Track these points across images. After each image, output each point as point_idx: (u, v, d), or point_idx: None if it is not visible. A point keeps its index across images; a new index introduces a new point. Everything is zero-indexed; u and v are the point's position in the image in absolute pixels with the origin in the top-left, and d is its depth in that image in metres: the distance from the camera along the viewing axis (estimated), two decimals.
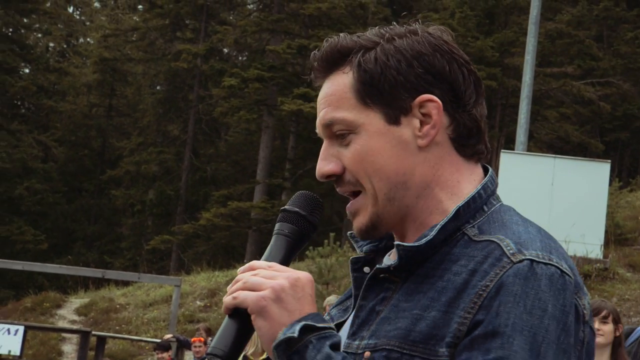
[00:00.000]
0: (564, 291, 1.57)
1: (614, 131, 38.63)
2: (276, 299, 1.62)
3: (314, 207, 1.76)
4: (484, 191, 1.72)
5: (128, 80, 48.05)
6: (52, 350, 22.95)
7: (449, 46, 1.71)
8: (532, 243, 1.61)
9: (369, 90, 1.68)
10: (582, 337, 1.60)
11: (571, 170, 19.85)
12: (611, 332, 5.96)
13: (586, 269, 19.36)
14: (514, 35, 32.79)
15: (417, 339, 1.59)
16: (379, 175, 1.68)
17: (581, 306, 1.60)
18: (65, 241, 44.61)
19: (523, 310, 1.53)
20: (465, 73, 1.71)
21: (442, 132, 1.69)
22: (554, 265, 1.58)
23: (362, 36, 1.75)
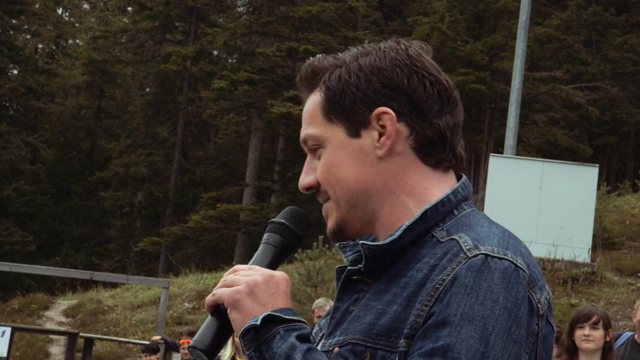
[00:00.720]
0: (517, 285, 1.62)
1: (602, 135, 38.74)
2: (250, 293, 1.73)
3: (300, 221, 1.89)
4: (454, 196, 1.79)
5: (117, 82, 47.96)
6: (39, 352, 22.88)
7: (411, 60, 1.79)
8: (490, 239, 1.67)
9: (332, 107, 1.80)
10: (535, 330, 1.65)
11: (560, 174, 19.91)
12: (601, 337, 5.96)
13: (574, 273, 19.41)
14: (503, 40, 32.86)
15: (379, 332, 1.68)
16: (340, 184, 1.79)
17: (535, 300, 1.65)
18: (53, 243, 44.50)
19: (475, 301, 1.59)
20: (427, 85, 1.79)
21: (403, 142, 1.78)
22: (509, 260, 1.64)
23: (337, 57, 1.85)
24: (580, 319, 5.98)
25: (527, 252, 1.72)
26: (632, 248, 22.35)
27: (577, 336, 5.97)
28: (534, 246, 19.43)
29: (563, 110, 35.03)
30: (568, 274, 19.41)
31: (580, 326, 5.96)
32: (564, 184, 19.61)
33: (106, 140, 46.57)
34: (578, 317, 6.01)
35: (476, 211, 1.81)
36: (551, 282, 19.32)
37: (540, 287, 1.68)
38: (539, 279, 1.69)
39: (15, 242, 39.77)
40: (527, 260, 1.68)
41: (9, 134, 43.36)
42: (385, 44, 1.83)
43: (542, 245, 19.36)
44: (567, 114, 35.20)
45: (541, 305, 1.67)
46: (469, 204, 1.82)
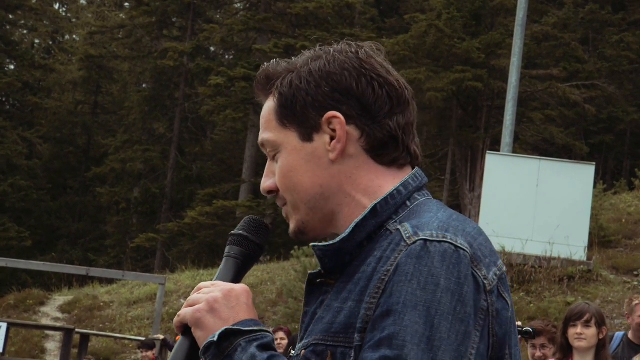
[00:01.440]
0: (458, 264, 1.64)
1: (599, 134, 38.76)
2: (210, 310, 1.78)
3: (258, 229, 1.92)
4: (404, 188, 1.81)
5: (114, 78, 47.92)
6: (35, 348, 22.88)
7: (361, 63, 1.83)
8: (430, 225, 1.69)
9: (285, 112, 1.84)
10: (485, 306, 1.66)
11: (556, 172, 19.91)
12: (594, 335, 5.94)
13: (570, 271, 19.42)
14: (500, 37, 32.85)
15: (338, 330, 1.71)
16: (297, 189, 1.83)
17: (481, 277, 1.66)
18: (49, 238, 44.47)
19: (417, 287, 1.62)
20: (376, 87, 1.82)
21: (354, 144, 1.81)
22: (448, 241, 1.66)
23: (290, 62, 1.89)
24: (572, 317, 5.97)
25: (476, 232, 1.73)
26: (628, 246, 22.38)
27: (570, 334, 5.97)
28: (530, 244, 19.45)
29: (560, 108, 35.04)
30: (564, 272, 19.42)
31: (573, 324, 5.96)
32: (560, 182, 19.62)
33: (103, 136, 46.54)
34: (571, 316, 6.00)
35: (430, 199, 1.83)
36: (547, 280, 19.34)
37: (487, 264, 1.69)
38: (487, 256, 1.71)
39: (11, 237, 39.74)
40: (471, 240, 1.70)
41: (5, 129, 43.32)
42: (336, 47, 1.87)
43: (538, 243, 19.37)
44: (563, 112, 35.21)
45: (488, 281, 1.67)
46: (423, 194, 1.84)
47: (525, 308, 18.41)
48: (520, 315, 17.16)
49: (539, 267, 19.53)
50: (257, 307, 21.77)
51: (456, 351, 1.60)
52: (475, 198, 31.77)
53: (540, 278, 19.38)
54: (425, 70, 31.95)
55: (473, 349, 1.62)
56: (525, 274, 19.44)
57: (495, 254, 1.74)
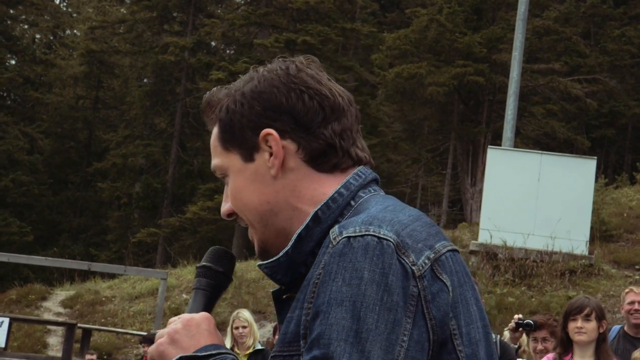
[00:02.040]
0: (382, 255, 1.65)
1: (600, 128, 38.74)
2: (171, 342, 1.84)
3: (221, 259, 1.98)
4: (345, 189, 1.84)
5: (115, 73, 47.91)
6: (37, 343, 22.90)
7: (289, 78, 1.88)
8: (354, 222, 1.71)
9: (226, 137, 1.91)
10: (415, 292, 1.66)
11: (557, 167, 19.91)
12: (594, 329, 5.95)
13: (571, 265, 19.43)
14: (501, 32, 32.82)
15: (290, 340, 1.74)
16: (248, 208, 1.89)
17: (408, 263, 1.67)
18: (51, 233, 44.50)
19: (341, 283, 1.63)
20: (306, 99, 1.86)
21: (293, 157, 1.86)
22: (370, 234, 1.67)
23: (229, 87, 1.95)
24: (572, 312, 5.98)
25: (411, 219, 1.74)
26: (629, 240, 22.38)
27: (570, 328, 5.97)
28: (532, 238, 19.45)
29: (561, 103, 35.02)
30: (566, 266, 19.43)
31: (573, 318, 5.96)
32: (561, 177, 19.62)
33: (104, 131, 46.53)
34: (571, 310, 6.01)
35: (375, 195, 1.85)
36: (549, 275, 19.35)
37: (418, 249, 1.69)
38: (420, 241, 1.71)
39: (12, 232, 39.76)
40: (400, 228, 1.70)
41: (6, 124, 43.32)
42: (268, 67, 1.92)
43: (539, 237, 19.38)
44: (565, 106, 35.19)
45: (417, 267, 1.67)
46: (369, 190, 1.86)
47: (527, 302, 18.43)
48: (521, 310, 17.17)
49: (541, 262, 19.54)
50: (258, 302, 21.78)
51: (386, 340, 1.61)
52: (477, 192, 31.76)
53: (541, 272, 19.39)
54: (427, 64, 31.93)
55: (405, 335, 1.63)
56: (527, 268, 19.45)
57: (434, 237, 1.74)
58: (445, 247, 1.74)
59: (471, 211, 32.35)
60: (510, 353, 8.09)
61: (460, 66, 31.66)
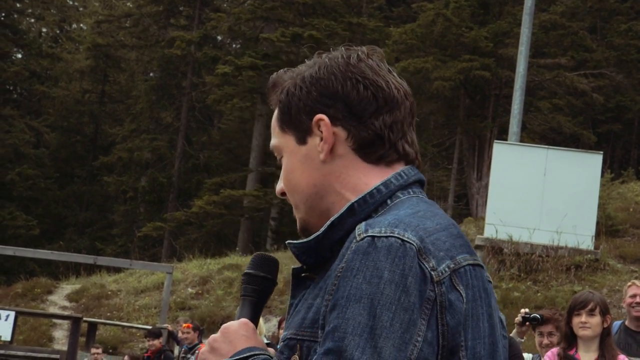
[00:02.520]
0: (404, 257, 1.70)
1: (607, 123, 38.67)
2: (211, 350, 1.91)
3: (263, 264, 2.03)
4: (385, 186, 1.89)
5: (121, 67, 47.93)
6: (43, 336, 22.95)
7: (348, 67, 1.93)
8: (381, 222, 1.76)
9: (283, 118, 1.97)
10: (431, 297, 1.71)
11: (564, 161, 19.88)
12: (598, 324, 5.94)
13: (577, 260, 19.41)
14: (508, 26, 32.76)
15: (306, 325, 1.82)
16: (296, 189, 1.96)
17: (427, 268, 1.71)
18: (56, 227, 44.57)
19: (362, 281, 1.68)
20: (361, 89, 1.91)
21: (342, 144, 1.91)
22: (395, 236, 1.72)
23: (295, 70, 2.02)
24: (577, 306, 5.97)
25: (437, 228, 1.79)
26: (635, 235, 22.35)
27: (574, 323, 5.97)
28: (538, 233, 19.43)
29: (567, 97, 34.96)
30: (571, 261, 19.41)
31: (577, 313, 5.96)
32: (567, 171, 19.59)
33: (110, 125, 46.58)
34: (575, 305, 6.00)
35: (411, 198, 1.89)
36: (554, 269, 19.33)
37: (440, 257, 1.74)
38: (443, 250, 1.75)
39: (19, 226, 39.83)
40: (425, 234, 1.75)
41: (12, 117, 43.38)
42: (331, 54, 1.97)
43: (545, 232, 19.36)
44: (571, 101, 35.13)
45: (436, 272, 1.71)
46: (408, 192, 1.90)
47: (533, 297, 18.41)
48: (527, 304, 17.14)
49: (546, 256, 19.52)
50: None
51: (400, 338, 1.66)
52: (483, 187, 31.73)
53: (547, 267, 19.38)
54: (433, 59, 31.89)
55: (419, 336, 1.67)
56: (533, 263, 19.44)
57: (457, 249, 1.78)
58: (466, 260, 1.78)
59: (477, 206, 32.33)
60: (516, 348, 8.09)
61: (466, 61, 31.61)
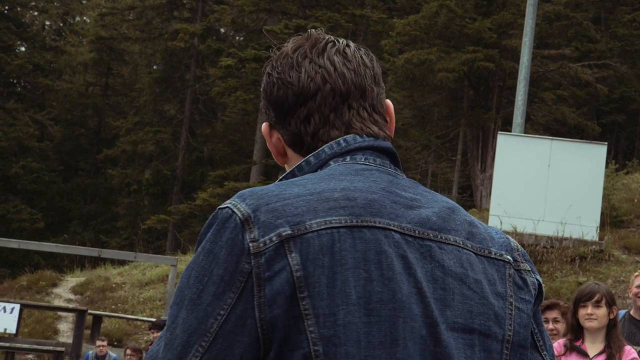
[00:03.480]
0: (225, 228, 1.68)
1: (611, 113, 38.62)
2: None
3: None
4: (315, 157, 1.85)
5: (125, 60, 47.93)
6: (48, 329, 22.99)
7: (271, 69, 1.95)
8: (240, 194, 1.74)
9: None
10: (246, 269, 1.65)
11: (568, 153, 19.86)
12: (605, 315, 5.94)
13: (582, 251, 19.40)
14: (511, 17, 32.70)
15: None
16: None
17: (247, 240, 1.66)
18: (61, 220, 44.62)
19: (196, 250, 1.73)
20: (275, 90, 1.92)
21: (285, 145, 1.93)
22: (228, 207, 1.71)
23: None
24: (582, 298, 5.97)
25: (298, 193, 1.72)
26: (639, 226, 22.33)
27: (580, 315, 5.97)
28: (542, 224, 19.42)
29: (571, 88, 34.91)
30: (576, 252, 19.40)
31: (583, 305, 5.96)
32: (572, 162, 19.57)
33: (114, 118, 46.60)
34: (581, 296, 6.00)
35: (339, 165, 1.82)
36: (559, 261, 19.32)
37: (270, 227, 1.67)
38: (283, 217, 1.68)
39: (23, 219, 39.89)
40: (266, 202, 1.70)
41: (16, 111, 43.40)
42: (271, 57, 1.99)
43: (550, 223, 19.34)
44: (575, 92, 35.08)
45: (256, 244, 1.66)
46: (343, 159, 1.84)
47: None
48: None
49: (551, 248, 19.51)
50: None
51: (203, 311, 1.65)
52: (487, 179, 31.71)
53: (552, 258, 19.36)
54: (437, 50, 31.84)
55: (223, 310, 1.64)
56: (537, 254, 19.43)
57: (315, 214, 1.69)
58: (329, 224, 1.68)
59: (481, 197, 32.31)
60: None
61: (470, 52, 31.56)
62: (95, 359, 16.45)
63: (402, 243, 1.72)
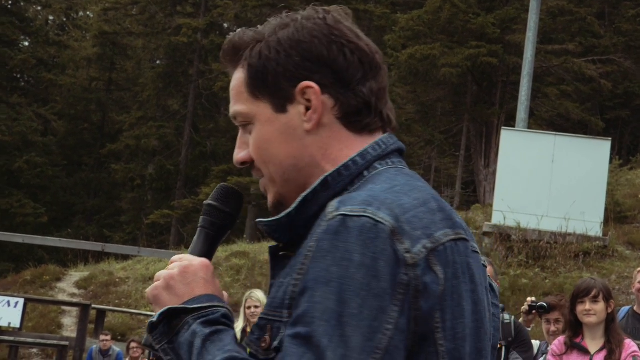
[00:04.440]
0: (375, 239, 1.59)
1: (615, 109, 38.58)
2: (166, 287, 1.80)
3: (228, 198, 1.91)
4: (361, 157, 1.77)
5: (128, 54, 47.92)
6: (51, 323, 23.01)
7: (330, 29, 1.79)
8: (354, 199, 1.64)
9: (256, 83, 1.80)
10: (405, 280, 1.60)
11: (572, 148, 19.85)
12: (603, 310, 5.96)
13: (585, 247, 19.39)
14: (515, 12, 32.66)
15: (275, 305, 1.71)
16: (272, 160, 1.80)
17: (401, 250, 1.60)
18: (65, 215, 44.67)
19: (331, 263, 1.58)
20: (347, 53, 1.78)
21: (328, 113, 1.78)
22: (367, 216, 1.60)
23: (257, 30, 1.85)
24: (580, 294, 5.99)
25: (414, 204, 1.67)
26: None
27: (578, 311, 5.98)
28: (546, 220, 19.41)
29: (575, 84, 34.88)
30: (580, 248, 19.39)
31: (581, 301, 5.97)
32: (575, 158, 19.56)
33: (117, 113, 46.62)
34: (578, 292, 6.02)
35: (389, 169, 1.78)
36: (563, 256, 19.32)
37: (415, 237, 1.63)
38: (420, 228, 1.64)
39: (27, 213, 39.93)
40: (401, 212, 1.64)
41: (20, 105, 43.42)
42: (304, 14, 1.83)
43: (553, 219, 19.34)
44: (579, 87, 35.04)
45: (411, 255, 1.61)
46: (386, 162, 1.79)
47: (541, 284, 18.41)
48: (535, 291, 17.16)
49: (555, 243, 19.50)
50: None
51: (369, 327, 1.57)
52: (490, 174, 31.70)
53: (555, 254, 19.36)
54: (440, 45, 31.82)
55: (389, 324, 1.58)
56: (541, 249, 19.43)
57: (436, 225, 1.66)
58: (447, 237, 1.66)
59: (484, 193, 32.30)
60: (524, 334, 8.10)
61: (473, 47, 31.54)
62: (99, 353, 16.48)
63: (471, 254, 1.74)
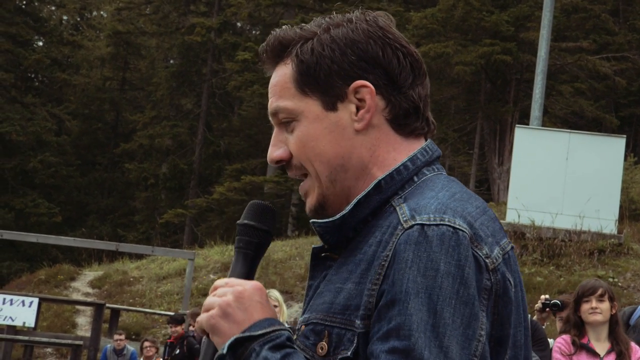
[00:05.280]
0: (458, 247, 1.60)
1: (629, 106, 38.41)
2: (223, 315, 1.75)
3: (263, 215, 1.88)
4: (412, 163, 1.79)
5: (141, 54, 48.02)
6: (66, 322, 23.07)
7: (384, 32, 1.80)
8: (427, 207, 1.66)
9: (306, 80, 1.80)
10: (488, 285, 1.63)
11: (586, 146, 19.76)
12: (608, 310, 5.98)
13: (600, 245, 19.31)
14: (529, 10, 32.55)
15: (336, 311, 1.70)
16: (319, 159, 1.79)
17: (482, 256, 1.63)
18: (79, 214, 44.78)
19: (417, 273, 1.59)
20: (400, 57, 1.80)
21: (379, 114, 1.79)
22: (445, 224, 1.62)
23: (303, 27, 1.85)
24: (585, 293, 6.00)
25: (478, 211, 1.70)
26: None
27: (583, 310, 5.98)
28: (560, 217, 19.34)
29: (589, 81, 34.74)
30: (594, 245, 19.31)
31: (587, 300, 5.99)
32: (590, 156, 19.48)
33: (131, 112, 46.70)
34: (583, 292, 6.03)
35: (438, 175, 1.80)
36: (577, 254, 19.24)
37: (490, 243, 1.66)
38: (490, 235, 1.67)
39: (41, 213, 40.04)
40: (472, 219, 1.66)
41: (34, 105, 43.55)
42: (354, 15, 1.83)
43: (568, 216, 19.26)
44: (593, 85, 34.91)
45: (490, 260, 1.64)
46: (432, 168, 1.81)
47: (555, 282, 18.34)
48: (550, 289, 17.10)
49: (569, 241, 19.43)
50: (286, 282, 21.82)
51: (463, 335, 1.58)
52: (504, 172, 31.61)
53: (570, 252, 19.29)
54: (454, 43, 31.74)
55: (482, 330, 1.60)
56: (555, 247, 19.36)
57: (499, 233, 1.70)
58: (509, 244, 1.71)
59: (498, 191, 32.22)
60: (540, 332, 8.08)
61: (487, 45, 31.44)
62: (113, 352, 16.50)
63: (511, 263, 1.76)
